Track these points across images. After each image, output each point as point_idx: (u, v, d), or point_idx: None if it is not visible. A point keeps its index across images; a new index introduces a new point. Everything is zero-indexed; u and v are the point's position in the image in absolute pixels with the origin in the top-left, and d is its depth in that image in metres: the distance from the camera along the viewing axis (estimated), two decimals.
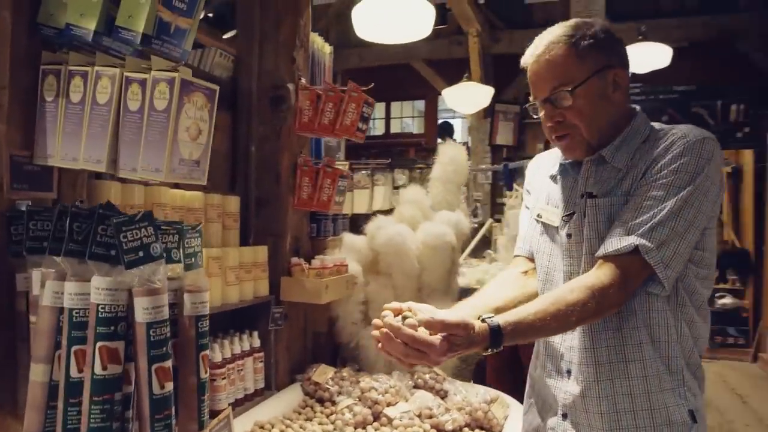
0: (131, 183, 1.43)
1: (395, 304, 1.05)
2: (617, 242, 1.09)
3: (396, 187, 7.17)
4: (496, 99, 5.85)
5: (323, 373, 1.94)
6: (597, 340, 1.15)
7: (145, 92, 0.95)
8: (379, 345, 0.98)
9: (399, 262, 2.13)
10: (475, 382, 2.19)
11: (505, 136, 6.62)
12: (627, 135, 1.18)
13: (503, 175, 4.58)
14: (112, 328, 0.89)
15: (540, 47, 1.18)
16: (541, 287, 1.28)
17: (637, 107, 1.23)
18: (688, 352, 1.15)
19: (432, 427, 1.73)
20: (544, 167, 1.37)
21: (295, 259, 1.98)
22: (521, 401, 1.44)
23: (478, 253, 4.67)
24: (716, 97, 5.74)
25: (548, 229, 1.28)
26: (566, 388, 1.20)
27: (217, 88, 1.02)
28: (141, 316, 0.90)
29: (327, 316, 2.18)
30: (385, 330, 0.97)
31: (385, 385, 1.84)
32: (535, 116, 1.23)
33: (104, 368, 0.88)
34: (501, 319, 1.01)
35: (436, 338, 0.95)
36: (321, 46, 2.27)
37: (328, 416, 1.81)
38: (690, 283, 1.14)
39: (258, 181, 1.97)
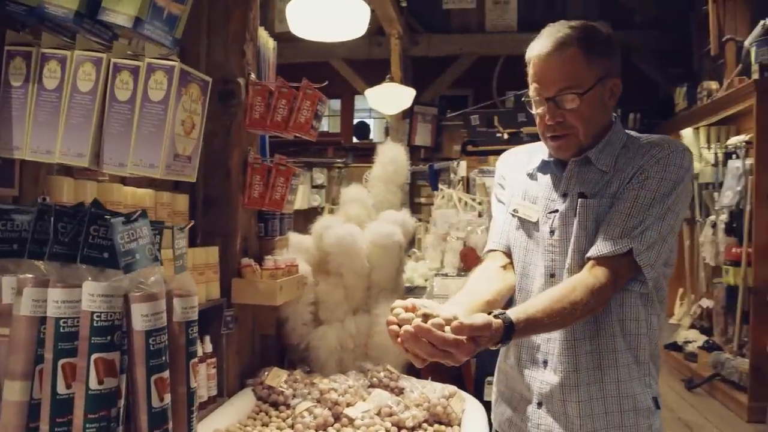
0: (83, 179, 1.33)
1: (402, 302, 1.04)
2: (612, 244, 1.15)
3: (314, 186, 7.12)
4: (414, 101, 5.97)
5: (276, 377, 1.89)
6: (575, 332, 1.21)
7: (137, 81, 0.88)
8: (399, 341, 0.97)
9: (350, 261, 2.12)
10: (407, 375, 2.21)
11: (423, 137, 6.76)
12: (609, 139, 1.25)
13: (429, 176, 4.68)
14: (109, 337, 0.82)
15: (549, 45, 1.18)
16: (519, 280, 1.32)
17: (614, 114, 1.30)
18: (653, 344, 1.24)
19: (393, 424, 1.74)
20: (518, 163, 1.40)
21: (245, 260, 1.91)
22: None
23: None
24: (616, 106, 6.19)
25: (525, 225, 1.31)
26: (543, 378, 1.25)
27: (210, 80, 0.97)
28: (139, 323, 0.83)
29: (275, 318, 2.12)
30: (410, 329, 0.96)
31: (344, 386, 1.82)
32: (531, 110, 1.25)
33: (100, 382, 0.81)
34: (513, 316, 1.03)
35: (465, 340, 0.96)
36: (266, 40, 2.20)
37: (284, 420, 1.76)
38: (658, 281, 1.22)
39: (206, 179, 1.88)
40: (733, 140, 4.58)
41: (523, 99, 1.29)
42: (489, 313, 1.03)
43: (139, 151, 0.88)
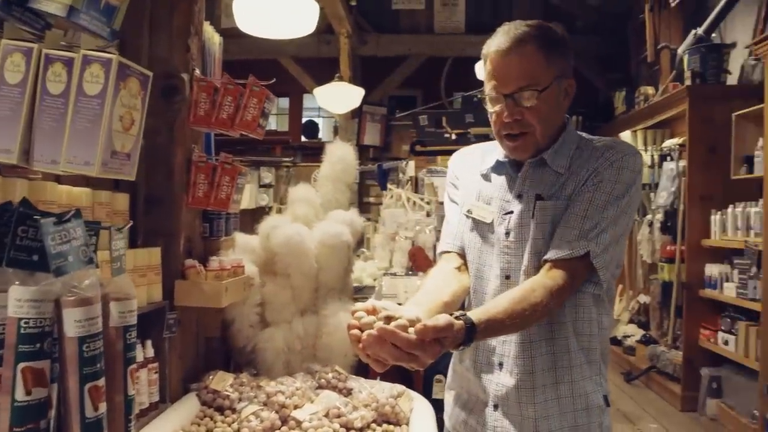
0: (12, 177, 1.25)
1: (362, 305, 1.02)
2: (569, 247, 1.15)
3: (262, 186, 7.00)
4: (363, 100, 5.96)
5: (222, 380, 1.84)
6: (531, 334, 1.21)
7: (71, 74, 0.83)
8: (361, 346, 0.94)
9: (297, 262, 2.09)
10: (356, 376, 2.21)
11: (372, 136, 6.77)
12: (563, 140, 1.25)
13: (377, 176, 4.68)
14: (38, 345, 0.77)
15: (507, 42, 1.17)
16: (473, 282, 1.31)
17: (566, 115, 1.30)
18: (603, 344, 1.26)
19: (341, 426, 1.72)
20: (472, 162, 1.38)
21: (189, 261, 1.85)
22: None
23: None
24: None
25: (479, 226, 1.30)
26: (499, 381, 1.24)
27: (151, 74, 0.93)
28: (72, 329, 0.79)
29: (220, 320, 2.07)
30: (373, 332, 0.92)
31: (291, 388, 1.80)
32: (488, 108, 1.23)
33: (28, 393, 0.76)
34: (474, 317, 1.02)
35: (429, 341, 0.93)
36: (211, 35, 2.14)
37: (230, 425, 1.72)
38: (609, 282, 1.23)
39: (148, 178, 1.81)
40: (668, 143, 4.79)
41: (477, 97, 1.28)
42: (450, 315, 1.01)
43: (73, 147, 0.83)
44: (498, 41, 1.19)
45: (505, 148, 1.27)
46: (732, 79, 4.32)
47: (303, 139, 8.47)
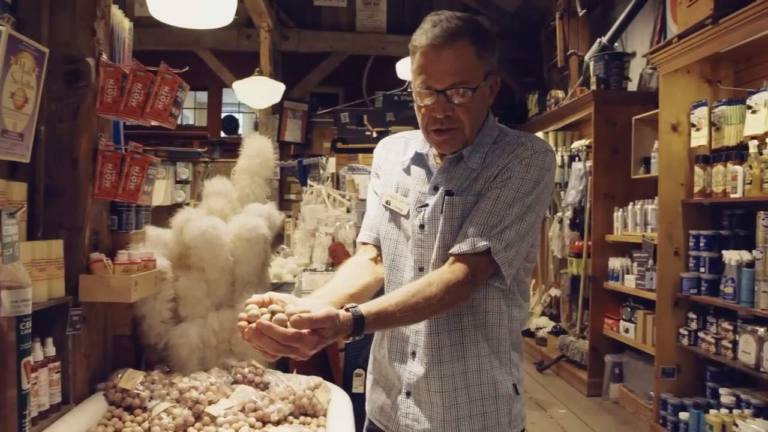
0: None
1: (258, 297, 1.02)
2: (471, 242, 1.16)
3: (179, 182, 6.76)
4: (284, 96, 5.90)
5: (131, 378, 1.77)
6: (440, 325, 1.23)
7: None
8: (247, 339, 0.97)
9: (213, 256, 2.04)
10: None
11: (293, 133, 6.70)
12: (482, 136, 1.25)
13: (297, 171, 4.64)
14: None
15: (441, 35, 1.14)
16: (387, 273, 1.32)
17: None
18: (514, 334, 1.29)
19: (258, 420, 1.71)
20: (394, 153, 1.38)
21: (95, 255, 1.76)
22: None
23: (272, 248, 4.67)
24: None
25: (396, 217, 1.30)
26: (411, 369, 1.26)
27: (47, 51, 0.88)
28: None
29: (130, 317, 1.99)
30: (254, 326, 0.96)
31: (205, 383, 1.75)
32: (417, 101, 1.21)
33: None
34: (364, 309, 1.04)
35: (306, 333, 0.96)
36: (121, 20, 2.05)
37: (140, 424, 1.66)
38: (519, 275, 1.26)
39: (50, 167, 1.70)
40: (576, 144, 5.07)
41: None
42: (342, 306, 1.04)
43: None
44: (429, 34, 1.15)
45: (433, 143, 1.26)
46: (632, 86, 4.64)
47: (222, 134, 8.26)
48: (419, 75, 1.18)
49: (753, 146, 2.93)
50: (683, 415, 3.26)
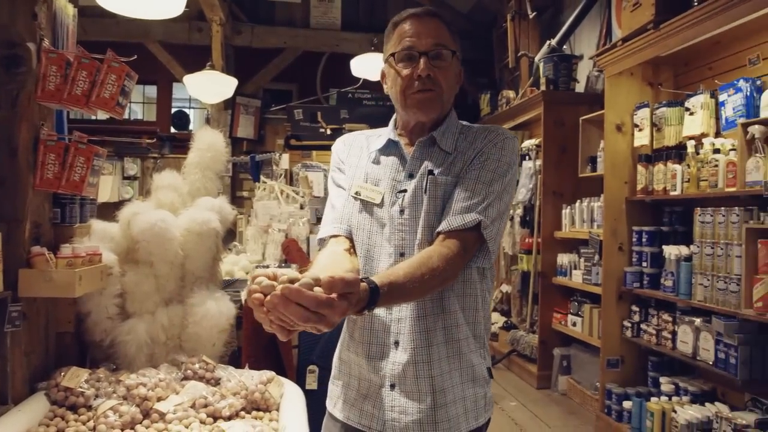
0: None
1: (265, 271, 0.95)
2: (462, 218, 1.20)
3: (126, 178, 6.57)
4: (237, 92, 5.80)
5: (75, 377, 1.71)
6: (426, 308, 1.23)
7: None
8: (265, 310, 0.88)
9: (162, 250, 1.99)
10: None
11: (246, 129, 6.60)
12: (449, 122, 1.32)
13: (250, 168, 4.58)
14: None
15: (423, 10, 1.29)
16: (363, 263, 1.30)
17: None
18: (486, 318, 1.32)
19: (208, 415, 1.68)
20: (356, 147, 1.40)
21: (36, 249, 1.70)
22: None
23: (223, 245, 4.59)
24: None
25: (368, 207, 1.30)
26: (395, 359, 1.24)
27: None
28: None
29: (74, 313, 1.92)
30: (277, 293, 0.87)
31: (154, 380, 1.71)
32: (400, 69, 1.26)
33: None
34: (378, 280, 1.01)
35: (336, 298, 0.89)
36: (64, 5, 1.97)
37: (84, 423, 1.60)
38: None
39: None
40: (527, 143, 5.19)
41: (397, 51, 1.26)
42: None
43: None
44: (413, 10, 1.29)
45: (414, 106, 1.28)
46: (580, 87, 4.78)
47: (172, 130, 8.06)
48: (402, 41, 1.27)
49: (690, 146, 3.07)
50: (627, 404, 3.39)
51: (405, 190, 1.28)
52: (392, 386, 1.25)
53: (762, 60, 2.80)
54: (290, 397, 1.84)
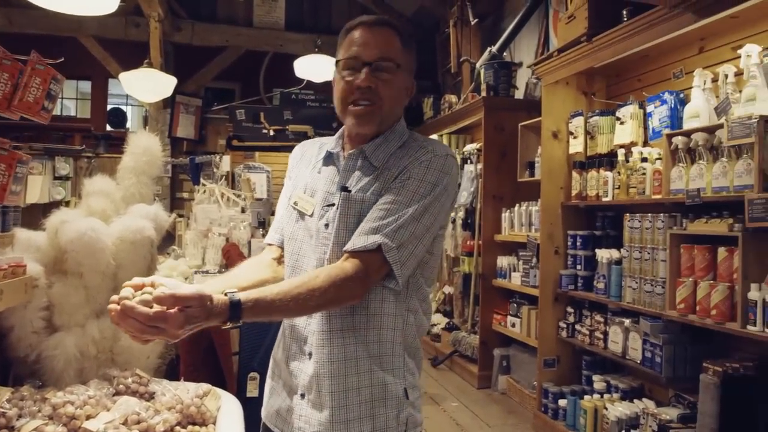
0: None
1: (138, 280, 1.01)
2: (364, 240, 1.18)
3: (57, 178, 6.28)
4: (176, 90, 5.65)
5: None
6: (332, 324, 1.23)
7: None
8: (115, 322, 0.97)
9: (92, 260, 1.91)
10: (169, 379, 2.11)
11: (186, 129, 6.43)
12: (389, 135, 1.29)
13: (189, 170, 4.47)
14: None
15: (374, 19, 1.27)
16: (289, 273, 1.31)
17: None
18: (410, 339, 1.30)
19: None
20: (307, 156, 1.40)
21: None
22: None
23: (161, 249, 4.45)
24: None
25: (303, 217, 1.31)
26: (307, 370, 1.26)
27: None
28: None
29: None
30: (118, 308, 0.96)
31: (83, 397, 1.64)
32: (345, 75, 1.25)
33: None
34: (243, 295, 1.04)
35: (171, 312, 0.95)
36: None
37: None
38: (417, 281, 1.28)
39: None
40: (468, 147, 5.29)
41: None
42: (223, 292, 1.04)
43: None
44: (365, 18, 1.28)
45: (350, 117, 1.27)
46: (519, 94, 4.91)
47: (108, 128, 7.76)
48: (349, 49, 1.26)
49: (621, 154, 3.21)
50: (562, 402, 3.51)
51: (333, 204, 1.27)
52: (302, 395, 1.27)
53: (685, 74, 2.96)
54: (227, 409, 1.81)
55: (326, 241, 1.26)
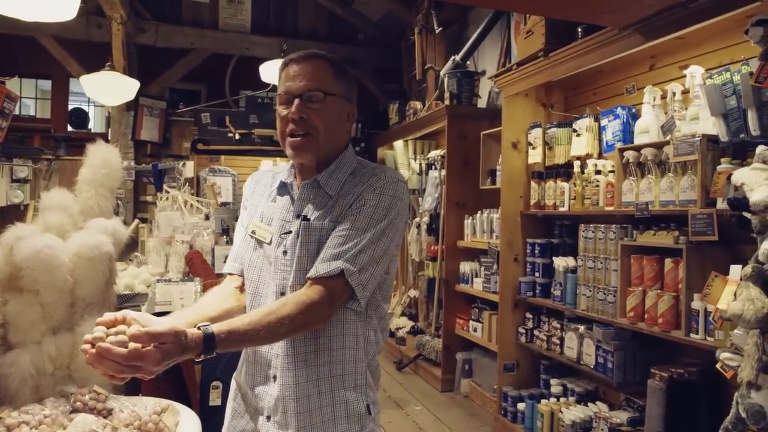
0: None
1: (109, 316, 1.02)
2: (327, 266, 1.23)
3: (15, 180, 6.12)
4: (140, 92, 5.58)
5: None
6: (296, 347, 1.28)
7: None
8: (90, 363, 0.97)
9: (48, 278, 1.90)
10: (129, 394, 2.12)
11: (150, 131, 6.35)
12: (339, 163, 1.35)
13: (153, 176, 4.43)
14: None
15: (303, 54, 1.32)
16: (249, 301, 1.36)
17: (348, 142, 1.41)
18: (370, 356, 1.36)
19: None
20: (262, 185, 1.45)
21: None
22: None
23: (124, 256, 4.39)
24: None
25: (261, 245, 1.36)
26: (271, 392, 1.31)
27: None
28: None
29: None
30: (93, 350, 0.96)
31: (38, 416, 1.65)
32: (280, 111, 1.31)
33: None
34: (215, 327, 1.07)
35: (147, 350, 0.97)
36: None
37: None
38: (375, 299, 1.34)
39: None
40: (432, 154, 5.36)
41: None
42: (194, 326, 1.07)
43: None
44: (295, 55, 1.34)
45: (289, 148, 1.32)
46: (482, 102, 5.01)
47: (69, 128, 7.60)
48: (283, 85, 1.31)
49: (576, 166, 3.32)
50: (521, 406, 3.61)
51: (290, 232, 1.32)
52: (268, 417, 1.32)
53: (637, 89, 3.08)
54: (185, 425, 1.83)
55: (286, 268, 1.31)
